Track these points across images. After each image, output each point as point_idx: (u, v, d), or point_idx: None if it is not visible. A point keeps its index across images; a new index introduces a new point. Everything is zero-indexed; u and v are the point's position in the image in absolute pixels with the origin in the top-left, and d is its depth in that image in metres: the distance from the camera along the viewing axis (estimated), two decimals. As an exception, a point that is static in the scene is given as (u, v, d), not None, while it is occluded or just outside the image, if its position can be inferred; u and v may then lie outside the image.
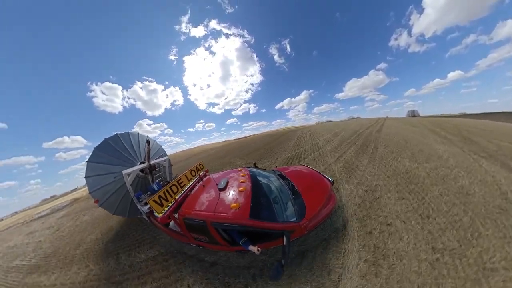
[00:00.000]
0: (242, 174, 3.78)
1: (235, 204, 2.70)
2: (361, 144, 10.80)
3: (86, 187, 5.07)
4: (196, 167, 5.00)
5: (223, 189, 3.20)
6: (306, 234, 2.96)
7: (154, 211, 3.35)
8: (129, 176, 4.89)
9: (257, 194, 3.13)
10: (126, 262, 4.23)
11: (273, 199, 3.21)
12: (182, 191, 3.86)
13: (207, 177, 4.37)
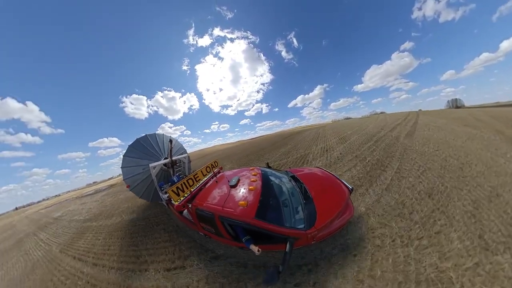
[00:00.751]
0: (253, 173, 3.71)
1: (243, 202, 2.70)
2: (374, 162, 6.37)
3: (121, 176, 6.26)
4: (211, 164, 5.18)
5: (234, 186, 3.22)
6: (312, 244, 2.73)
7: (172, 199, 3.68)
8: (154, 169, 5.81)
9: (266, 194, 3.06)
10: (141, 215, 7.16)
11: (282, 201, 3.04)
12: (197, 185, 4.10)
13: (220, 173, 4.49)
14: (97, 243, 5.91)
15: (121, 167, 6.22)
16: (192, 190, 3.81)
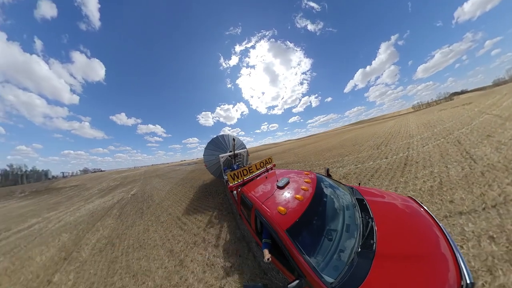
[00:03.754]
0: (306, 180, 3.10)
1: (282, 208, 2.34)
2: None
3: (200, 158, 10.09)
4: (265, 160, 5.33)
5: (281, 187, 2.93)
6: None
7: (228, 181, 4.28)
8: (222, 158, 7.91)
9: (312, 210, 2.42)
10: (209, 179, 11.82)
11: (327, 230, 2.25)
12: (250, 176, 4.48)
13: (272, 170, 4.57)
14: (202, 175, 14.87)
15: (203, 155, 9.38)
16: (244, 178, 4.25)
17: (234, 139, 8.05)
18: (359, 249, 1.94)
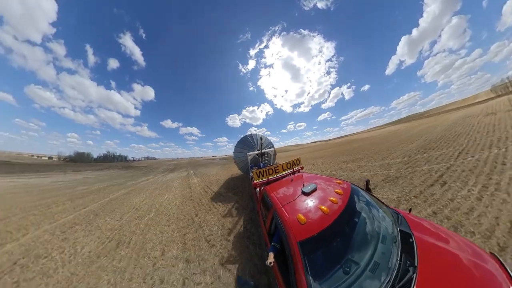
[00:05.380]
0: (337, 190, 2.48)
1: (303, 217, 1.94)
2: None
3: (229, 154, 18.61)
4: (293, 161, 5.08)
5: (306, 194, 2.49)
6: None
7: (253, 178, 4.49)
8: (250, 156, 8.77)
9: (338, 229, 1.89)
10: (232, 171, 15.94)
11: (346, 260, 1.65)
12: (275, 176, 4.51)
13: (300, 173, 4.40)
14: (235, 167, 14.01)
15: (233, 152, 11.09)
16: (269, 177, 4.32)
17: (261, 138, 8.51)
18: None
